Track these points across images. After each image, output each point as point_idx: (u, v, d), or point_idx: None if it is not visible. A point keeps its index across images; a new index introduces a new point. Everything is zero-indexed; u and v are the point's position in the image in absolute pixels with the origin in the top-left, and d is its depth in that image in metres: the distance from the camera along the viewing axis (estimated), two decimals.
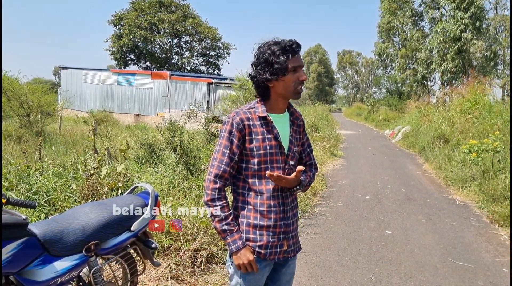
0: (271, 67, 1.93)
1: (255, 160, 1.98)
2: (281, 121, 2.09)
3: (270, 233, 2.00)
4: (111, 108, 24.82)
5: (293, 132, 2.12)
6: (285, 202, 2.06)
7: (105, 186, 4.25)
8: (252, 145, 1.98)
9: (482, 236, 5.38)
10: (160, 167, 6.52)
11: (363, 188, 8.12)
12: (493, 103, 15.47)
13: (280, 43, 1.94)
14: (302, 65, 1.99)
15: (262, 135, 1.99)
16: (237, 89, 15.85)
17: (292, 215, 2.11)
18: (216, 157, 1.99)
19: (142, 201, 2.75)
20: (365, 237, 5.14)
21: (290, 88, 1.98)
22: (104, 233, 2.45)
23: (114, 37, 39.71)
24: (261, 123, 2.01)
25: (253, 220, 2.00)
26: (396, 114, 27.43)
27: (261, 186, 2.01)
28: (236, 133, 1.96)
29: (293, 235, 2.12)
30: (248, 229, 2.00)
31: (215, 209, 1.93)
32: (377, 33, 35.76)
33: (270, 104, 2.06)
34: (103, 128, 15.21)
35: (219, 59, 43.50)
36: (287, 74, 1.94)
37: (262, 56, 1.96)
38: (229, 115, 2.03)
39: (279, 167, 2.03)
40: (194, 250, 3.93)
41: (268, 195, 2.00)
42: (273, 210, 2.00)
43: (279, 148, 2.03)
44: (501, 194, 6.52)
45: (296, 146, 2.14)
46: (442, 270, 4.21)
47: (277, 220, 2.01)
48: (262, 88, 2.03)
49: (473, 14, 23.23)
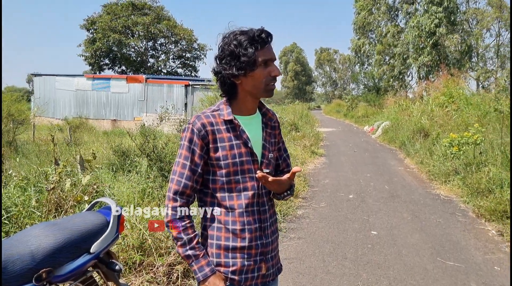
0: (237, 60, 1.64)
1: (223, 171, 1.69)
2: (252, 123, 1.80)
3: (245, 256, 1.71)
4: (87, 114, 24.20)
5: (266, 136, 1.84)
6: (262, 218, 1.77)
7: (70, 200, 3.93)
8: (218, 154, 1.69)
9: (469, 232, 5.22)
10: (134, 174, 6.19)
11: (346, 187, 7.92)
12: (469, 95, 15.53)
13: (248, 33, 1.65)
14: (274, 58, 1.70)
15: (229, 141, 1.70)
16: (215, 90, 15.57)
17: (270, 233, 1.82)
18: (176, 171, 1.69)
19: (103, 218, 2.45)
20: (350, 240, 4.92)
21: (260, 85, 1.69)
22: (58, 258, 2.14)
23: (87, 42, 38.80)
24: (227, 127, 1.71)
25: (224, 241, 1.70)
26: (375, 110, 27.47)
27: (232, 201, 1.71)
28: (197, 141, 1.67)
29: (272, 256, 1.83)
30: (219, 252, 1.70)
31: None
32: (353, 30, 35.93)
33: (238, 104, 1.77)
34: (79, 135, 14.77)
35: (196, 61, 42.97)
36: (256, 69, 1.65)
37: (227, 48, 1.66)
38: (189, 120, 1.73)
39: (252, 178, 1.74)
40: (169, 265, 3.63)
41: (241, 211, 1.71)
42: (247, 228, 1.71)
43: (251, 155, 1.74)
44: (486, 187, 6.39)
45: (271, 151, 1.85)
46: (433, 272, 4.01)
47: (252, 240, 1.72)
48: (228, 86, 1.73)
49: (447, 8, 23.42)
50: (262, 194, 1.78)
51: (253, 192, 1.74)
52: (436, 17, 23.41)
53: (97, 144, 12.13)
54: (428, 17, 23.74)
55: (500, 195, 5.82)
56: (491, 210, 5.64)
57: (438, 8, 23.35)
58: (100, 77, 26.53)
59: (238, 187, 1.72)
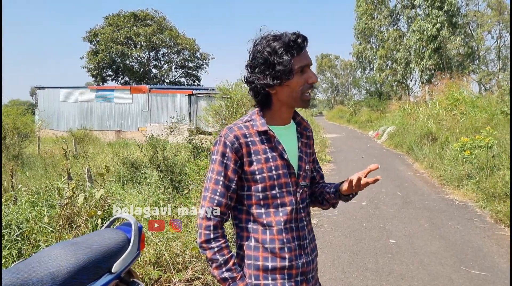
0: (272, 69, 1.52)
1: (259, 186, 1.58)
2: (287, 134, 1.69)
3: (286, 276, 1.59)
4: (91, 126, 24.19)
5: (302, 146, 1.73)
6: (301, 235, 1.65)
7: (83, 215, 3.83)
8: (253, 167, 1.57)
9: (490, 238, 5.10)
10: (144, 186, 6.09)
11: (358, 194, 7.77)
12: (473, 98, 15.43)
13: (282, 38, 1.52)
14: (310, 63, 1.58)
15: (265, 154, 1.58)
16: (219, 99, 15.51)
17: (310, 251, 1.70)
18: (208, 187, 1.58)
19: (123, 236, 2.35)
20: (369, 249, 4.80)
21: (296, 95, 1.57)
22: (79, 280, 2.03)
23: (90, 54, 39.01)
24: (261, 139, 1.60)
25: (262, 261, 1.58)
26: (379, 115, 27.40)
27: (269, 217, 1.60)
28: (230, 155, 1.56)
29: (313, 276, 1.71)
30: (257, 274, 1.58)
31: (211, 252, 1.53)
32: (354, 35, 35.94)
33: (272, 114, 1.65)
34: (84, 147, 14.70)
35: (199, 70, 43.14)
36: (292, 77, 1.53)
37: (260, 55, 1.54)
38: (221, 133, 1.61)
39: (290, 192, 1.63)
40: (187, 281, 3.52)
41: (280, 228, 1.59)
42: (286, 246, 1.59)
43: (287, 168, 1.62)
44: (502, 192, 6.27)
45: (307, 163, 1.74)
46: (458, 281, 3.88)
47: (292, 259, 1.60)
48: (262, 95, 1.62)
49: (448, 11, 23.39)
50: (300, 210, 1.68)
51: (292, 207, 1.63)
52: (438, 21, 23.38)
53: (103, 155, 12.06)
54: (429, 21, 23.71)
55: None
56: (510, 215, 5.51)
57: (439, 11, 23.33)
58: (104, 88, 26.55)
59: (275, 203, 1.61)
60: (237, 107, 13.98)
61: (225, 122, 14.31)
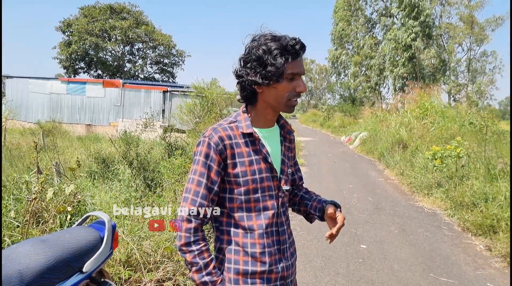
0: (263, 68, 1.49)
1: (242, 189, 1.56)
2: (271, 137, 1.67)
3: (265, 281, 1.57)
4: (61, 118, 23.52)
5: (285, 150, 1.72)
6: (281, 239, 1.64)
7: (52, 211, 3.70)
8: (236, 170, 1.55)
9: (457, 246, 5.21)
10: (115, 183, 5.96)
11: (330, 198, 7.82)
12: (443, 108, 15.82)
13: (281, 40, 1.50)
14: (302, 72, 1.57)
15: (249, 156, 1.56)
16: (194, 97, 15.38)
17: (290, 255, 1.69)
18: (190, 188, 1.54)
19: (96, 234, 2.27)
20: (341, 254, 4.83)
21: (282, 100, 1.55)
22: (48, 279, 1.94)
23: (63, 44, 38.01)
24: (245, 141, 1.58)
25: (242, 265, 1.56)
26: (351, 120, 27.77)
27: (251, 221, 1.58)
28: (214, 156, 1.52)
29: (292, 280, 1.70)
30: (237, 278, 1.56)
31: (191, 255, 1.49)
32: (331, 41, 36.37)
33: (257, 115, 1.63)
34: (52, 140, 14.29)
35: (174, 67, 42.69)
36: (281, 81, 1.51)
37: (254, 51, 1.51)
38: (205, 133, 1.58)
39: (272, 196, 1.61)
40: (158, 281, 3.45)
41: (261, 232, 1.57)
42: (267, 251, 1.57)
43: (271, 171, 1.61)
44: (470, 201, 6.42)
45: (289, 166, 1.74)
46: None
47: (272, 263, 1.58)
48: (248, 92, 1.59)
49: (423, 22, 23.92)
50: (280, 214, 1.67)
51: (273, 211, 1.62)
52: (413, 31, 23.88)
53: (71, 149, 11.76)
54: (405, 30, 24.20)
55: (485, 209, 5.84)
56: (477, 225, 5.65)
57: (415, 22, 23.83)
58: (75, 80, 25.84)
59: (257, 206, 1.59)
60: (211, 106, 13.89)
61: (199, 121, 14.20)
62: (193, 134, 10.53)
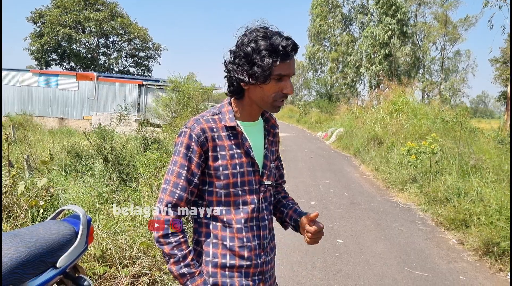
0: (250, 67, 1.44)
1: (222, 183, 1.53)
2: (254, 131, 1.64)
3: (243, 275, 1.55)
4: (32, 111, 22.93)
5: (268, 144, 1.68)
6: (262, 234, 1.62)
7: (23, 205, 3.59)
8: (217, 163, 1.51)
9: (431, 240, 5.31)
10: (88, 177, 5.84)
11: (307, 193, 7.90)
12: (416, 105, 16.09)
13: (272, 40, 1.43)
14: (291, 73, 1.50)
15: (230, 150, 1.53)
16: (170, 91, 15.22)
17: (269, 250, 1.68)
18: (169, 180, 1.50)
19: (70, 229, 2.21)
20: (317, 248, 4.85)
21: (268, 99, 1.51)
22: (20, 274, 1.88)
23: (34, 36, 36.94)
24: (228, 134, 1.54)
25: (221, 258, 1.53)
26: (328, 116, 27.98)
27: (230, 215, 1.55)
28: (195, 148, 1.49)
29: (270, 275, 1.69)
30: (215, 271, 1.53)
31: (169, 247, 1.46)
32: (308, 37, 36.52)
33: (242, 108, 1.59)
34: (22, 133, 13.91)
35: (150, 60, 42.11)
36: (268, 82, 1.46)
37: (243, 48, 1.45)
38: (186, 124, 1.53)
39: (252, 191, 1.58)
40: (133, 276, 3.39)
41: (240, 226, 1.55)
42: (246, 245, 1.55)
43: (252, 165, 1.58)
44: (443, 196, 6.55)
45: (272, 161, 1.71)
46: (402, 282, 4.00)
47: (252, 258, 1.56)
48: (235, 87, 1.54)
49: (400, 20, 24.25)
50: (262, 208, 1.64)
51: (253, 206, 1.59)
52: (390, 29, 24.19)
53: (43, 143, 11.47)
54: (382, 27, 24.49)
55: (458, 204, 5.97)
56: (450, 219, 5.76)
57: (392, 19, 24.14)
58: (47, 73, 25.20)
59: (237, 201, 1.56)
60: (188, 101, 13.76)
61: (175, 115, 14.06)
62: (169, 128, 10.42)
